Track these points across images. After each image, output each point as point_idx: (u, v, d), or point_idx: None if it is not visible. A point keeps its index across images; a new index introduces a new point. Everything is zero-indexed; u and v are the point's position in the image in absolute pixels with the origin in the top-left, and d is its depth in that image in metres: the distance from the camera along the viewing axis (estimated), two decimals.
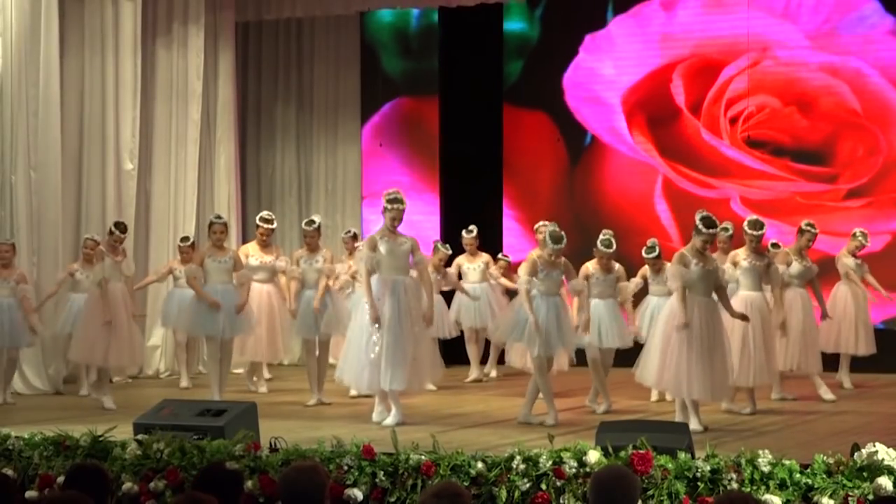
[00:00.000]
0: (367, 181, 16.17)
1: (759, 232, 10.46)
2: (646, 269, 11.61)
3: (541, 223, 11.20)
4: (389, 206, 9.96)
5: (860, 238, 12.29)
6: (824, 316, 11.75)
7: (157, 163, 14.35)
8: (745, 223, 10.57)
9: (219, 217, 11.58)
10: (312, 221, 11.58)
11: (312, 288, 11.36)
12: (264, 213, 12.16)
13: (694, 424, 9.00)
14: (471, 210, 15.13)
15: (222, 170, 15.08)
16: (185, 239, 12.97)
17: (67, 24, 13.23)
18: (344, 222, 15.91)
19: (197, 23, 14.63)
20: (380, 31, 16.36)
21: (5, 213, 12.46)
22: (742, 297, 10.40)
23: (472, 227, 13.52)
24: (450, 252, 13.21)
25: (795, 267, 11.27)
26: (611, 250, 10.64)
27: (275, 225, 11.97)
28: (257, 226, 11.90)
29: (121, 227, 11.53)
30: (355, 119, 16.30)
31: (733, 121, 15.06)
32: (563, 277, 10.09)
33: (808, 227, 11.37)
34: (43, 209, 12.71)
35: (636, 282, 11.56)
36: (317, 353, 11.51)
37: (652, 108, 15.36)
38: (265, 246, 11.89)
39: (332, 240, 14.66)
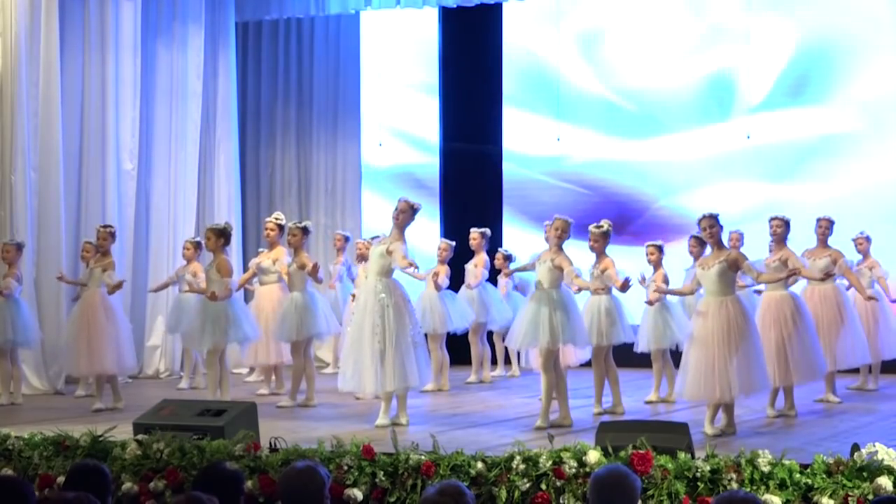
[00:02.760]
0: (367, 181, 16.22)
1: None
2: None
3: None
4: None
5: None
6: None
7: (157, 163, 14.35)
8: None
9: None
10: (297, 223, 11.51)
11: (296, 290, 11.36)
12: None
13: (706, 427, 9.03)
14: (471, 209, 15.15)
15: (222, 170, 15.09)
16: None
17: (67, 23, 13.23)
18: (344, 222, 15.94)
19: (197, 22, 14.64)
20: (379, 31, 16.36)
21: (5, 214, 12.46)
22: (766, 296, 10.38)
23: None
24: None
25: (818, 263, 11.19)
26: (598, 230, 10.42)
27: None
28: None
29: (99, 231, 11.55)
30: (355, 119, 16.32)
31: None
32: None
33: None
34: (43, 209, 12.73)
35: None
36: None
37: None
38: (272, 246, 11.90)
39: (331, 239, 14.72)
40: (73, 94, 13.41)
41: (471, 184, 15.91)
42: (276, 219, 11.81)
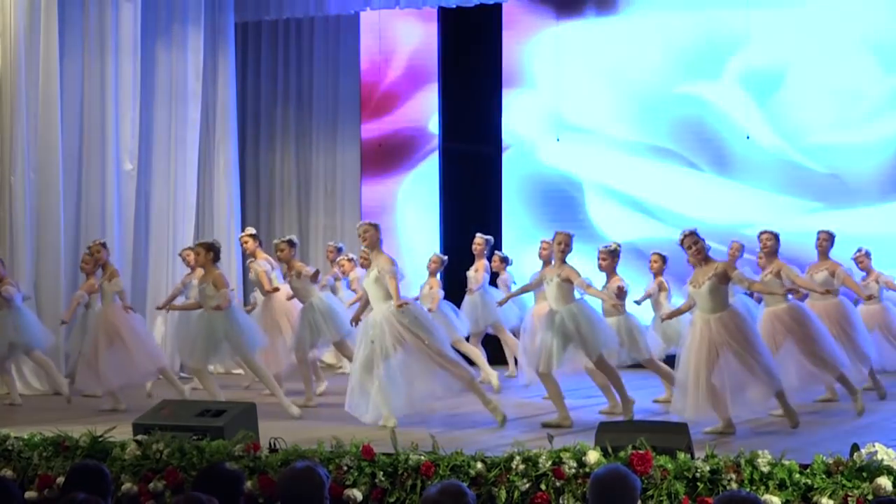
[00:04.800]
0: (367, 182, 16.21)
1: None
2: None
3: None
4: None
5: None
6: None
7: (156, 164, 14.34)
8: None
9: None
10: (282, 238, 11.47)
11: (309, 298, 11.34)
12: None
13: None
14: (471, 210, 15.14)
15: (222, 171, 15.08)
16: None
17: (67, 24, 13.22)
18: (343, 223, 15.95)
19: (196, 23, 14.63)
20: (379, 31, 16.36)
21: (5, 214, 12.47)
22: (767, 311, 10.39)
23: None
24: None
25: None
26: (606, 249, 10.67)
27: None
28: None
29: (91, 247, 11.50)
30: (355, 119, 16.32)
31: None
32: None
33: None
34: (43, 210, 12.73)
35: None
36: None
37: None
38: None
39: (331, 240, 14.72)
40: (73, 95, 13.40)
41: (470, 183, 15.89)
42: (248, 232, 12.05)
